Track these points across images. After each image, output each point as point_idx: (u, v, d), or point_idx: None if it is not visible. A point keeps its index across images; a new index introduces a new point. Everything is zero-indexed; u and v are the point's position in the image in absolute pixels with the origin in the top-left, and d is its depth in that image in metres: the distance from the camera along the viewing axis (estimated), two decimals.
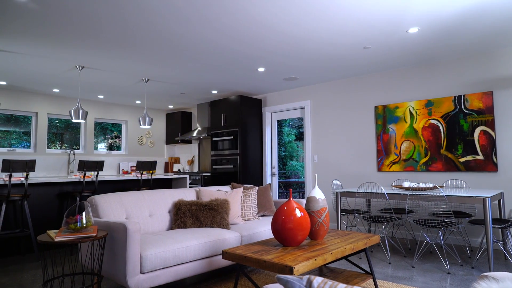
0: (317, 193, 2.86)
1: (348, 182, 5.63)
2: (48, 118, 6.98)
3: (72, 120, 5.02)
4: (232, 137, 6.60)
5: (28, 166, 4.02)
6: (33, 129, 6.75)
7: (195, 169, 8.33)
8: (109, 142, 8.03)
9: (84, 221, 2.40)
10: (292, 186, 7.59)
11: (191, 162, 8.33)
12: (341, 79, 5.81)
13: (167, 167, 8.65)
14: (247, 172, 6.54)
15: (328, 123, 5.96)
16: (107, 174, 7.46)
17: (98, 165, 4.60)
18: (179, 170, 8.39)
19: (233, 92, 6.72)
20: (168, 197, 3.50)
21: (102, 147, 7.89)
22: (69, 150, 7.12)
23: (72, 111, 4.92)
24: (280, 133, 7.03)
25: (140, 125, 5.76)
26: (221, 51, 4.32)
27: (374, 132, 5.40)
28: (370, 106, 5.47)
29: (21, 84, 5.96)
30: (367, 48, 4.31)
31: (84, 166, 4.48)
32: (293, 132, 7.37)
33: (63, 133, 7.27)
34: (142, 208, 3.24)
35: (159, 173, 8.04)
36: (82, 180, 4.56)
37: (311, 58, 4.65)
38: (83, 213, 2.43)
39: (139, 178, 5.23)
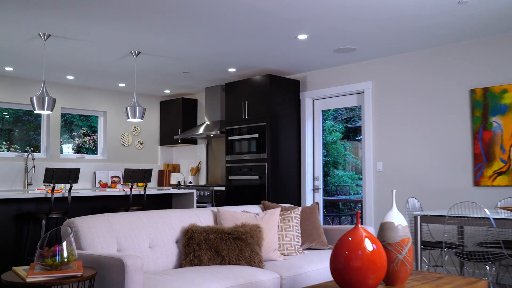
0: (396, 218, 2.82)
1: (429, 201, 5.55)
2: None
3: (35, 111, 5.14)
4: (257, 135, 6.61)
5: None
6: None
7: (202, 181, 8.39)
8: (77, 142, 8.18)
9: (66, 255, 2.43)
10: (338, 206, 7.55)
11: (196, 171, 8.40)
12: (419, 50, 5.75)
13: (162, 178, 8.75)
14: (278, 185, 6.53)
15: (398, 115, 5.90)
16: (79, 187, 7.59)
17: (71, 175, 4.69)
18: (178, 182, 8.48)
19: (259, 70, 6.73)
20: (175, 220, 3.53)
21: (67, 149, 8.05)
22: (25, 154, 7.29)
23: (34, 98, 5.04)
24: None
25: (128, 118, 5.84)
26: (245, 8, 4.33)
27: (469, 128, 5.32)
28: (463, 89, 5.39)
29: None
30: (462, 3, 4.24)
31: (53, 176, 4.57)
32: (338, 128, 7.31)
33: (12, 130, 7.44)
34: (139, 236, 3.28)
35: (150, 187, 8.13)
36: (49, 195, 4.66)
37: (376, 19, 4.61)
38: (64, 243, 2.46)
39: (128, 193, 5.30)
